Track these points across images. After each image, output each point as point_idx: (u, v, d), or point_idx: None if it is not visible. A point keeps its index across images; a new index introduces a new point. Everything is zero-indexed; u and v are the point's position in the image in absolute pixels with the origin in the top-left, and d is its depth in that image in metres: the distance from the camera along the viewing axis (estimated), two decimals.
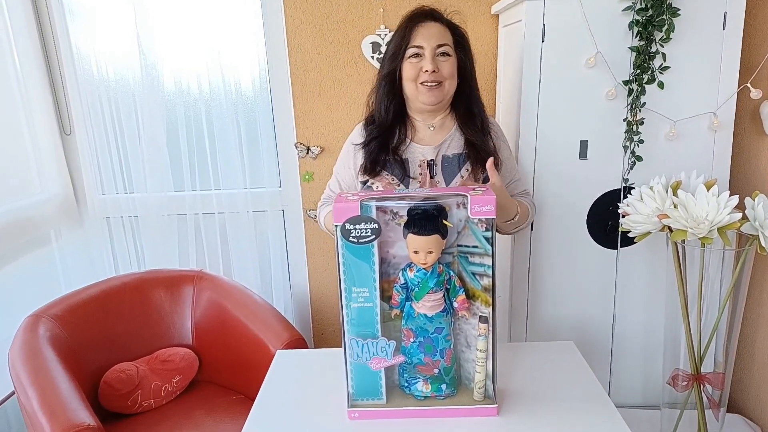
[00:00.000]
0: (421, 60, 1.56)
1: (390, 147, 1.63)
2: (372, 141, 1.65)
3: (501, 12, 2.31)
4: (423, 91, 1.56)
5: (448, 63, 1.57)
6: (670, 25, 1.84)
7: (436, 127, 1.65)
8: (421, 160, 1.63)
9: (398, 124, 1.66)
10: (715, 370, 1.78)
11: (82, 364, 2.02)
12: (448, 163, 1.63)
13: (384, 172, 1.63)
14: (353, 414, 1.27)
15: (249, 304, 2.22)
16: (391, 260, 1.26)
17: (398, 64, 1.60)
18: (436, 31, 1.58)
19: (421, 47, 1.56)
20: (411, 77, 1.57)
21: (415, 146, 1.64)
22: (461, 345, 1.31)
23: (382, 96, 1.65)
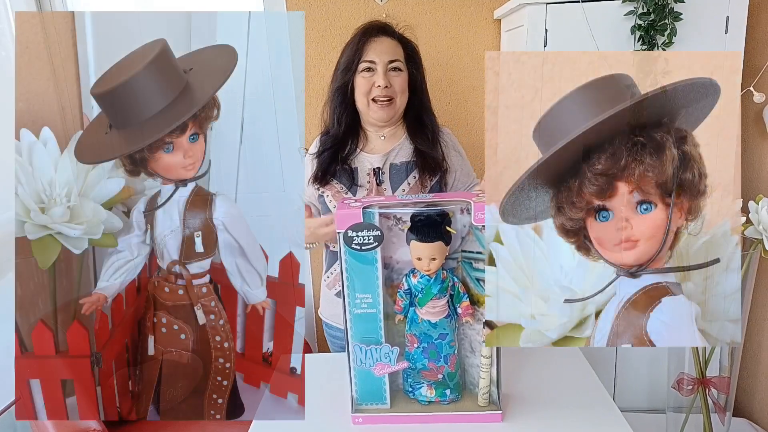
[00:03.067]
0: (373, 75, 1.59)
1: (339, 157, 1.66)
2: (325, 151, 1.68)
3: (503, 17, 2.31)
4: (375, 108, 1.60)
5: (399, 78, 1.61)
6: (672, 29, 1.84)
7: (387, 136, 1.69)
8: (369, 169, 1.65)
9: (351, 135, 1.69)
10: (721, 374, 1.77)
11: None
12: (396, 170, 1.66)
13: (333, 181, 1.66)
14: (357, 419, 1.27)
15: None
16: (394, 266, 1.26)
17: (351, 77, 1.63)
18: (387, 46, 1.61)
19: (373, 62, 1.59)
20: (363, 91, 1.60)
21: (364, 155, 1.68)
22: (465, 350, 1.31)
23: (335, 108, 1.69)
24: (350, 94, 1.65)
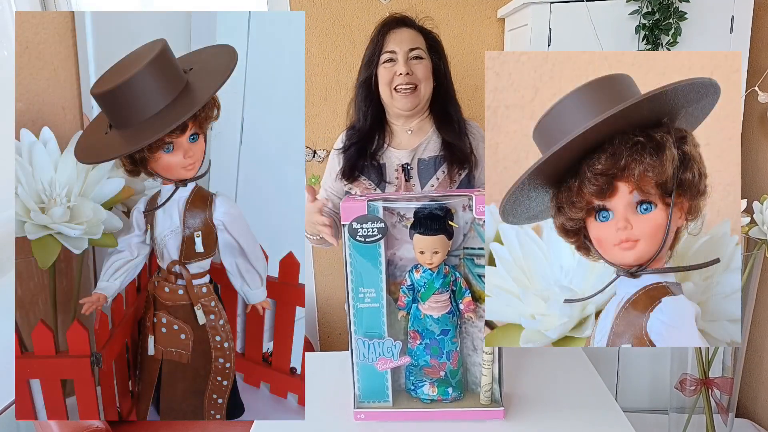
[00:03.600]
0: (394, 65, 1.58)
1: (368, 152, 1.65)
2: (351, 146, 1.67)
3: (507, 16, 2.30)
4: (398, 98, 1.58)
5: (421, 65, 1.59)
6: (677, 29, 1.83)
7: (414, 130, 1.67)
8: (397, 164, 1.64)
9: (377, 130, 1.68)
10: (724, 375, 1.76)
11: None
12: (424, 165, 1.64)
13: (362, 177, 1.65)
14: (359, 415, 1.28)
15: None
16: (397, 262, 1.27)
17: (373, 70, 1.62)
18: (407, 36, 1.61)
19: (393, 52, 1.58)
20: (386, 82, 1.59)
21: (392, 150, 1.66)
22: (468, 348, 1.31)
23: (360, 103, 1.67)
24: (374, 87, 1.63)
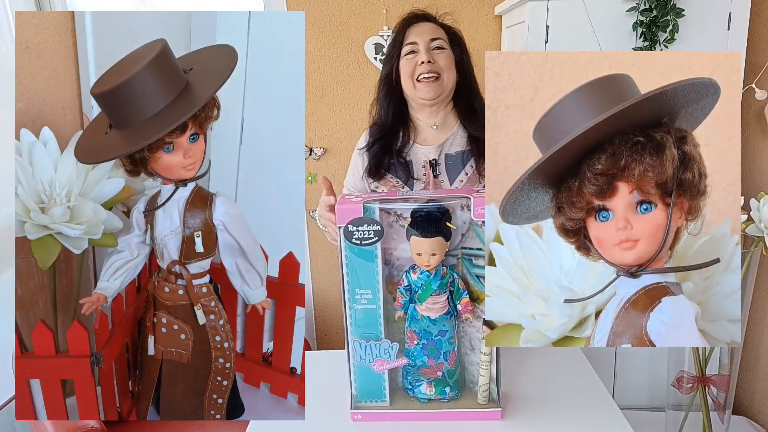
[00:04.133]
0: (416, 55, 1.56)
1: (394, 150, 1.63)
2: (375, 143, 1.65)
3: (504, 13, 2.30)
4: (420, 87, 1.56)
5: (443, 55, 1.57)
6: (674, 25, 1.83)
7: (439, 125, 1.65)
8: (424, 161, 1.62)
9: (401, 126, 1.66)
10: (720, 372, 1.77)
11: None
12: (452, 161, 1.62)
13: (388, 175, 1.63)
14: (356, 416, 1.27)
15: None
16: (395, 262, 1.26)
17: (394, 63, 1.60)
18: (429, 28, 1.59)
19: (415, 43, 1.57)
20: (408, 73, 1.57)
21: (418, 147, 1.64)
22: (465, 348, 1.31)
23: (382, 98, 1.66)
24: (396, 82, 1.62)
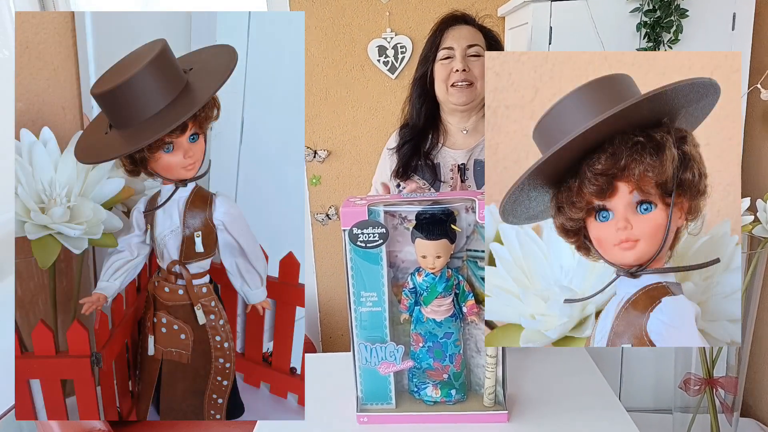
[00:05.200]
0: (451, 61, 1.55)
1: (422, 151, 1.63)
2: (405, 144, 1.65)
3: (507, 14, 2.30)
4: (453, 92, 1.55)
5: (479, 63, 1.56)
6: (678, 26, 1.82)
7: (469, 130, 1.64)
8: (452, 164, 1.62)
9: (431, 128, 1.66)
10: (728, 374, 1.76)
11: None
12: (481, 167, 1.61)
13: (415, 176, 1.63)
14: (362, 418, 1.27)
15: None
16: (399, 264, 1.26)
17: (429, 66, 1.60)
18: (467, 32, 1.58)
19: (451, 48, 1.56)
20: (442, 78, 1.57)
21: (447, 150, 1.64)
22: (471, 350, 1.30)
23: (415, 99, 1.65)
24: (429, 85, 1.62)
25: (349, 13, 2.41)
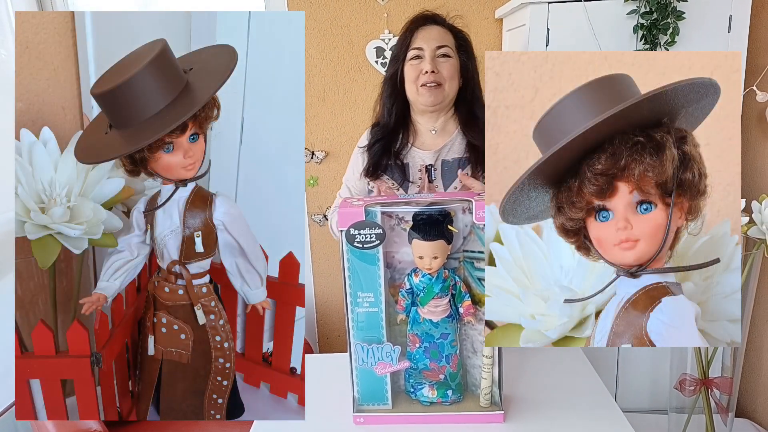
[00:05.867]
0: (421, 62, 1.57)
1: (392, 151, 1.64)
2: (375, 143, 1.66)
3: (505, 16, 2.31)
4: (423, 93, 1.57)
5: (447, 64, 1.58)
6: (674, 28, 1.83)
7: (438, 130, 1.66)
8: (421, 165, 1.64)
9: (401, 127, 1.67)
10: (723, 375, 1.77)
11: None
12: (448, 167, 1.64)
13: (384, 176, 1.64)
14: (359, 419, 1.27)
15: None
16: (396, 265, 1.26)
17: (399, 66, 1.61)
18: (436, 33, 1.60)
19: (420, 49, 1.57)
20: (411, 79, 1.58)
21: (416, 150, 1.65)
22: (467, 351, 1.30)
23: (386, 98, 1.67)
24: (400, 84, 1.63)
25: (347, 15, 2.41)
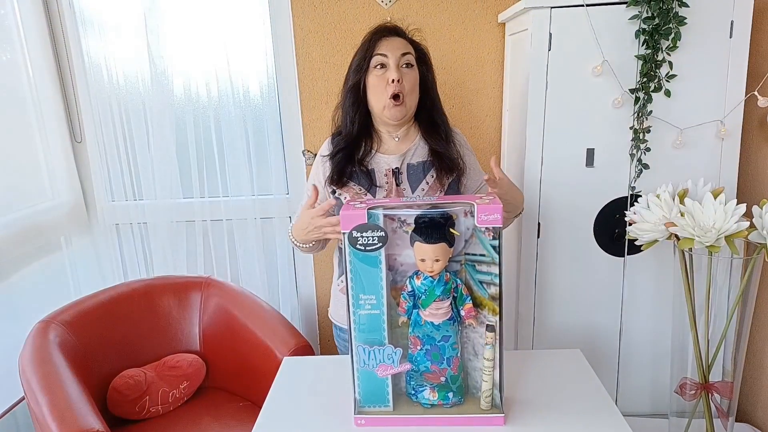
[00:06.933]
0: (386, 71, 1.59)
1: (356, 158, 1.66)
2: (339, 152, 1.68)
3: (507, 20, 2.31)
4: (389, 107, 1.60)
5: (410, 75, 1.61)
6: (676, 33, 1.84)
7: (401, 137, 1.70)
8: (386, 169, 1.66)
9: (364, 136, 1.69)
10: (724, 379, 1.77)
11: (91, 369, 2.03)
12: (413, 170, 1.66)
13: (351, 183, 1.66)
14: (360, 421, 1.28)
15: (256, 311, 2.23)
16: (398, 268, 1.26)
17: (362, 75, 1.63)
18: (399, 43, 1.62)
19: (385, 55, 1.59)
20: (378, 90, 1.60)
21: (380, 156, 1.68)
22: (468, 353, 1.31)
23: (348, 108, 1.69)
24: (362, 93, 1.65)
25: (350, 18, 2.42)
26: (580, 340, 2.14)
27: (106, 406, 2.04)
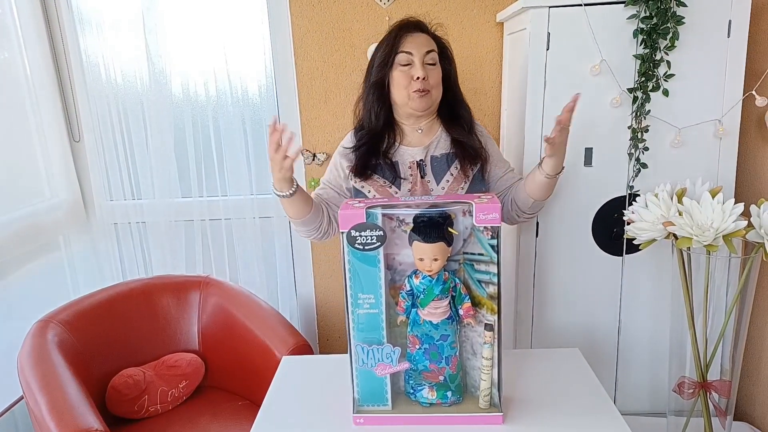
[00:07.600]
0: (411, 68, 1.60)
1: (380, 151, 1.68)
2: (363, 145, 1.69)
3: (506, 20, 2.31)
4: (415, 98, 1.61)
5: (435, 71, 1.63)
6: (674, 33, 1.84)
7: (424, 130, 1.71)
8: (410, 162, 1.67)
9: (387, 129, 1.70)
10: (722, 378, 1.77)
11: (90, 369, 2.03)
12: (437, 162, 1.68)
13: (375, 176, 1.67)
14: (359, 420, 1.28)
15: (255, 310, 2.23)
16: (397, 267, 1.27)
17: (387, 71, 1.64)
18: (423, 39, 1.64)
19: (410, 53, 1.60)
20: (402, 85, 1.61)
21: (404, 149, 1.69)
22: (467, 352, 1.31)
23: (372, 103, 1.69)
24: (387, 89, 1.66)
25: (349, 18, 2.42)
26: (579, 339, 2.14)
27: (105, 405, 2.04)
